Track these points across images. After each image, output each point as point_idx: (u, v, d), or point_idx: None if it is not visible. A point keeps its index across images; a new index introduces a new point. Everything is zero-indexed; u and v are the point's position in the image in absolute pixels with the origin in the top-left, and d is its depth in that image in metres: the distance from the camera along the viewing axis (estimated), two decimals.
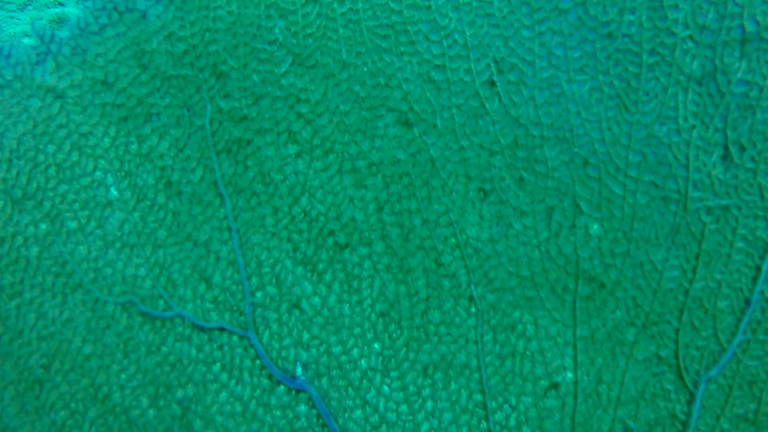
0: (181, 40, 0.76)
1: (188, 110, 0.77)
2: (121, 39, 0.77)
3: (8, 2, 3.15)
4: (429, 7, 0.73)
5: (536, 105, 0.73)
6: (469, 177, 0.74)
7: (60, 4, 3.36)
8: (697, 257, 0.72)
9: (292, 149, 0.76)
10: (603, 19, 0.72)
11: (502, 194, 0.74)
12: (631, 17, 0.71)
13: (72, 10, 3.29)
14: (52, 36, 0.77)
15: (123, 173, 0.77)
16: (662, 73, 0.71)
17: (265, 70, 0.76)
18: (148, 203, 0.77)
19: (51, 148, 0.77)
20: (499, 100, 0.73)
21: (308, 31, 0.75)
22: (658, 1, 0.71)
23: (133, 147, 0.77)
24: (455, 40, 0.73)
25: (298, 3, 0.75)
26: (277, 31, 0.75)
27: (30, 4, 3.48)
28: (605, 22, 0.72)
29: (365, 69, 0.74)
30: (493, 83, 0.73)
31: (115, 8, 0.77)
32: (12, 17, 3.38)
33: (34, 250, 0.77)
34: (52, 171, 0.77)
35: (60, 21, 3.10)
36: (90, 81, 0.77)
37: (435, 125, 0.74)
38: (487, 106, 0.73)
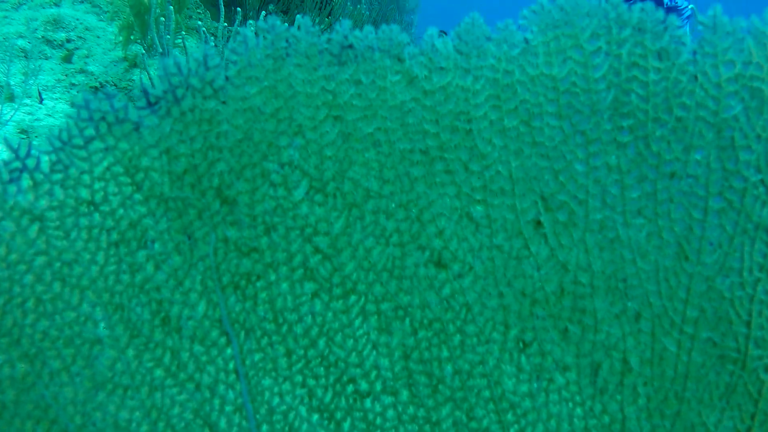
0: (181, 158, 0.61)
1: (189, 238, 0.62)
2: (110, 154, 0.61)
3: (3, 1, 2.87)
4: (470, 131, 0.59)
5: (587, 249, 0.60)
6: (507, 325, 0.61)
7: (55, 4, 3.10)
8: (752, 417, 0.62)
9: (309, 287, 0.62)
10: (666, 156, 0.59)
11: (543, 346, 0.61)
12: (698, 157, 0.59)
13: (67, 11, 3.01)
14: (29, 150, 0.61)
15: (114, 307, 0.63)
16: (729, 221, 0.59)
17: (278, 196, 0.61)
18: (144, 340, 0.63)
19: (29, 279, 0.62)
20: (545, 242, 0.60)
21: (328, 152, 0.60)
22: (728, 140, 0.58)
23: (126, 277, 0.62)
24: (498, 172, 0.60)
25: (317, 119, 0.60)
26: (291, 151, 0.61)
27: (25, 4, 3.20)
28: (668, 161, 0.59)
29: (394, 200, 0.60)
30: (539, 223, 0.60)
31: (103, 118, 0.61)
32: (6, 17, 3.09)
33: (11, 393, 0.62)
34: (30, 304, 0.62)
35: (56, 23, 2.83)
36: (74, 201, 0.61)
37: (472, 267, 0.61)
38: (531, 248, 0.60)
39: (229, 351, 0.64)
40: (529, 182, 0.60)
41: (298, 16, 0.61)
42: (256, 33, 0.61)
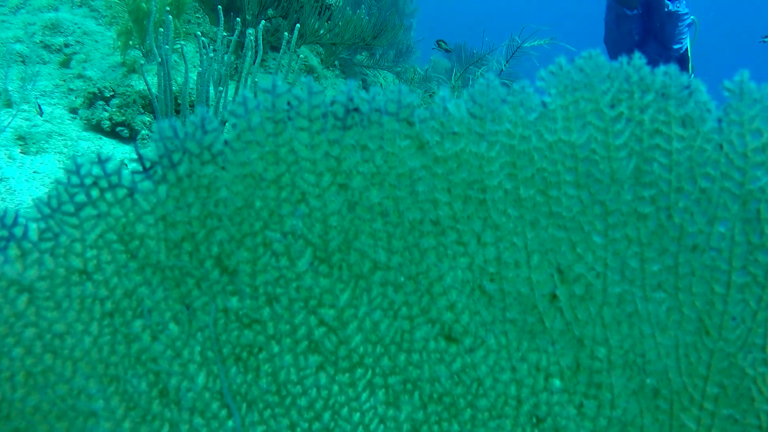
0: (178, 226, 0.56)
1: (187, 308, 0.58)
2: (102, 220, 0.56)
3: (1, 5, 2.76)
4: (483, 200, 0.55)
5: (604, 324, 0.56)
6: (520, 400, 0.57)
7: (54, 8, 3.00)
8: None
9: (313, 360, 0.58)
10: (689, 229, 0.54)
11: (557, 421, 0.57)
12: (722, 229, 0.54)
13: (66, 16, 2.92)
14: (15, 218, 0.56)
15: (109, 378, 0.58)
16: (752, 296, 0.55)
17: (280, 267, 0.56)
18: (141, 412, 0.59)
19: (18, 352, 0.57)
20: (561, 315, 0.56)
21: (333, 222, 0.55)
22: (754, 212, 0.54)
23: (121, 348, 0.58)
24: (513, 243, 0.55)
25: (321, 186, 0.55)
26: (294, 220, 0.56)
27: (23, 8, 3.09)
28: (691, 233, 0.55)
29: (402, 272, 0.56)
30: (554, 296, 0.56)
31: (95, 183, 0.56)
32: (4, 21, 2.99)
33: None
34: (20, 378, 0.57)
35: (54, 27, 2.73)
36: (64, 271, 0.56)
37: (484, 341, 0.57)
38: (546, 322, 0.56)
39: (230, 424, 0.59)
40: (545, 254, 0.55)
41: (302, 78, 0.56)
42: (255, 93, 0.56)
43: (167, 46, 1.96)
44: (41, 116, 2.32)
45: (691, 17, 2.73)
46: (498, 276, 0.55)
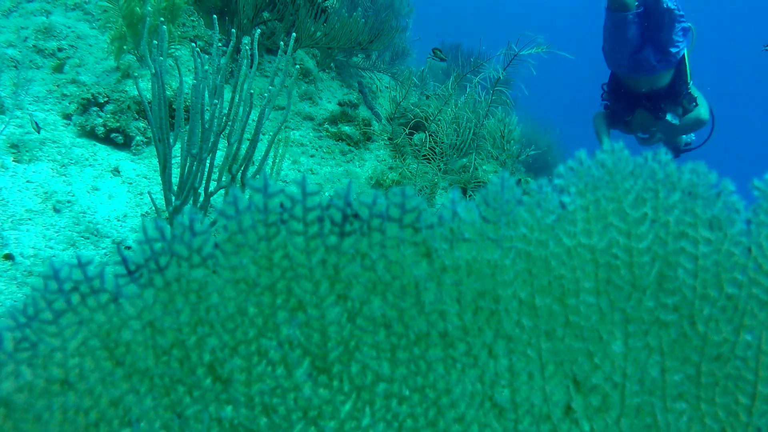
0: (167, 332, 0.51)
1: (179, 416, 0.52)
2: (84, 327, 0.50)
3: None
4: (495, 311, 0.49)
5: None
6: None
7: (47, 12, 2.84)
8: None
9: None
10: (713, 337, 0.50)
11: None
12: (748, 338, 0.49)
13: (59, 19, 2.77)
14: None
15: None
16: None
17: (277, 376, 0.51)
18: None
19: None
20: (576, 426, 0.51)
21: (332, 332, 0.50)
22: None
23: None
24: (527, 355, 0.50)
25: (319, 295, 0.49)
26: (291, 329, 0.50)
27: (16, 11, 2.93)
28: (716, 342, 0.50)
29: (407, 384, 0.51)
30: (570, 408, 0.51)
31: (75, 289, 0.50)
32: None
33: None
34: None
35: (47, 31, 2.59)
36: (44, 381, 0.51)
37: None
38: None
39: None
40: (561, 365, 0.50)
41: (299, 175, 0.50)
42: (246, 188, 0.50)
43: (161, 58, 1.87)
44: (38, 133, 2.22)
45: (688, 23, 2.64)
46: (510, 387, 0.50)
